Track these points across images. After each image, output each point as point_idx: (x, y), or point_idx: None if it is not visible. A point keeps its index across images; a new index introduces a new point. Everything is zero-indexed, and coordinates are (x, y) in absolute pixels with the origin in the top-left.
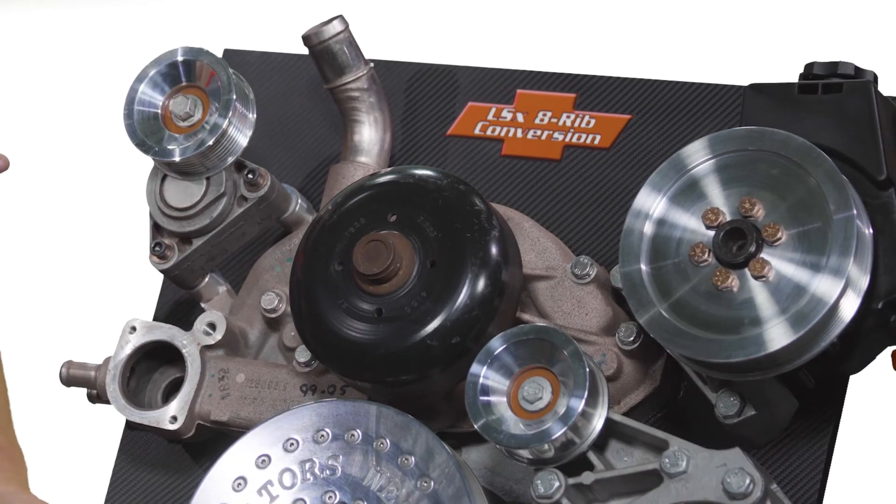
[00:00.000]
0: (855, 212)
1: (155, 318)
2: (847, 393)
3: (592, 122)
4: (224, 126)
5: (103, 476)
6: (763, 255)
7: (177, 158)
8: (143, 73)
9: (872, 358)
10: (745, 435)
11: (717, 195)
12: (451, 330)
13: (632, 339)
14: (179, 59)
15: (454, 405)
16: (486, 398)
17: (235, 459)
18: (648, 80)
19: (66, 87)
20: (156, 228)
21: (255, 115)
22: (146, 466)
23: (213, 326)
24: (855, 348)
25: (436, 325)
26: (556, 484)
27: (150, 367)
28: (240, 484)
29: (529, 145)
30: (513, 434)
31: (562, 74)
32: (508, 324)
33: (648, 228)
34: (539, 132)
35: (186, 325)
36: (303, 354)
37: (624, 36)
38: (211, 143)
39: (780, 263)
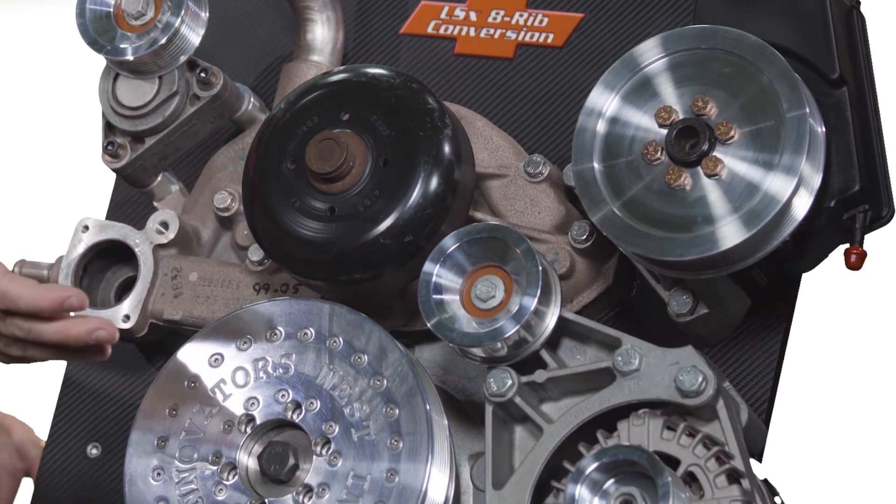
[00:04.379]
0: (807, 110)
1: (107, 218)
2: (799, 291)
3: (545, 20)
4: (176, 25)
5: (56, 376)
6: (716, 153)
7: (129, 57)
8: None
9: (825, 256)
10: (698, 333)
11: (669, 94)
12: (404, 228)
13: (584, 237)
14: None
15: (407, 304)
16: (438, 297)
17: (188, 358)
18: None
19: None
20: (108, 127)
21: (207, 14)
22: (99, 366)
23: (165, 225)
24: (807, 247)
25: (388, 224)
26: (509, 382)
27: (103, 267)
28: (193, 383)
29: (482, 44)
30: (465, 332)
31: None
32: (461, 222)
33: (601, 127)
34: (492, 31)
35: (139, 224)
36: (255, 253)
37: None
38: (163, 41)
39: (733, 162)
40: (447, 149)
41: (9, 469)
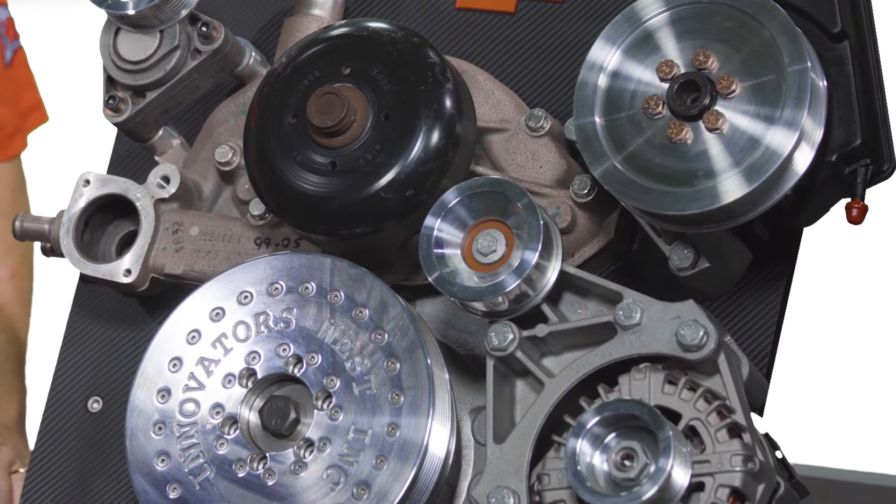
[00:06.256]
0: (809, 64)
1: (109, 172)
2: (801, 245)
3: None
4: None
5: (57, 329)
6: (717, 107)
7: (130, 11)
8: None
9: (826, 210)
10: (699, 287)
11: (671, 48)
12: (406, 182)
13: (586, 191)
14: None
15: (408, 258)
16: (440, 251)
17: (189, 312)
18: None
19: None
20: (109, 82)
21: None
22: (100, 320)
23: (167, 179)
24: (808, 201)
25: (390, 178)
26: (511, 336)
27: (104, 221)
28: (194, 337)
29: None
30: (467, 287)
31: None
32: (462, 176)
33: (603, 81)
34: None
35: (140, 178)
36: (257, 207)
37: None
38: None
39: (735, 116)
40: (448, 103)
41: None
